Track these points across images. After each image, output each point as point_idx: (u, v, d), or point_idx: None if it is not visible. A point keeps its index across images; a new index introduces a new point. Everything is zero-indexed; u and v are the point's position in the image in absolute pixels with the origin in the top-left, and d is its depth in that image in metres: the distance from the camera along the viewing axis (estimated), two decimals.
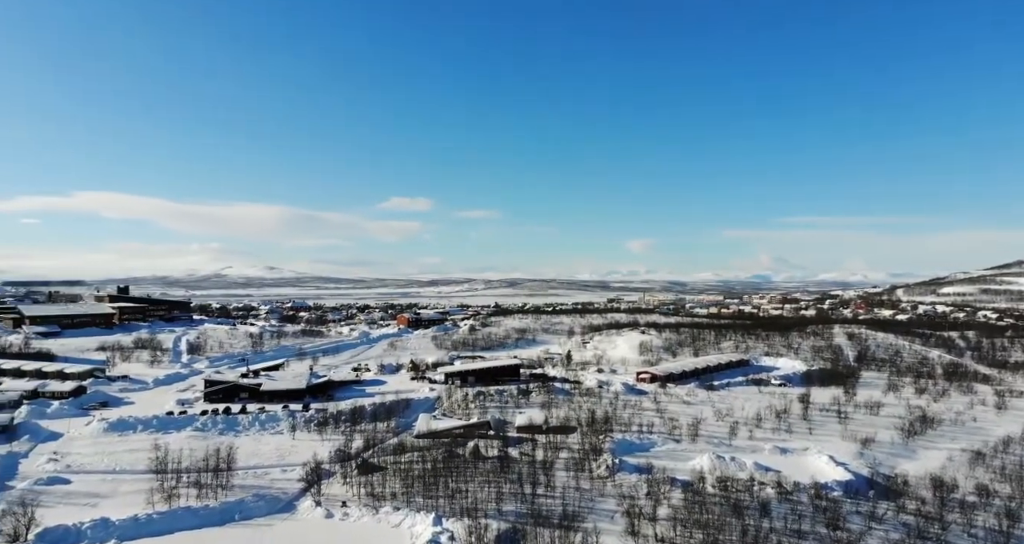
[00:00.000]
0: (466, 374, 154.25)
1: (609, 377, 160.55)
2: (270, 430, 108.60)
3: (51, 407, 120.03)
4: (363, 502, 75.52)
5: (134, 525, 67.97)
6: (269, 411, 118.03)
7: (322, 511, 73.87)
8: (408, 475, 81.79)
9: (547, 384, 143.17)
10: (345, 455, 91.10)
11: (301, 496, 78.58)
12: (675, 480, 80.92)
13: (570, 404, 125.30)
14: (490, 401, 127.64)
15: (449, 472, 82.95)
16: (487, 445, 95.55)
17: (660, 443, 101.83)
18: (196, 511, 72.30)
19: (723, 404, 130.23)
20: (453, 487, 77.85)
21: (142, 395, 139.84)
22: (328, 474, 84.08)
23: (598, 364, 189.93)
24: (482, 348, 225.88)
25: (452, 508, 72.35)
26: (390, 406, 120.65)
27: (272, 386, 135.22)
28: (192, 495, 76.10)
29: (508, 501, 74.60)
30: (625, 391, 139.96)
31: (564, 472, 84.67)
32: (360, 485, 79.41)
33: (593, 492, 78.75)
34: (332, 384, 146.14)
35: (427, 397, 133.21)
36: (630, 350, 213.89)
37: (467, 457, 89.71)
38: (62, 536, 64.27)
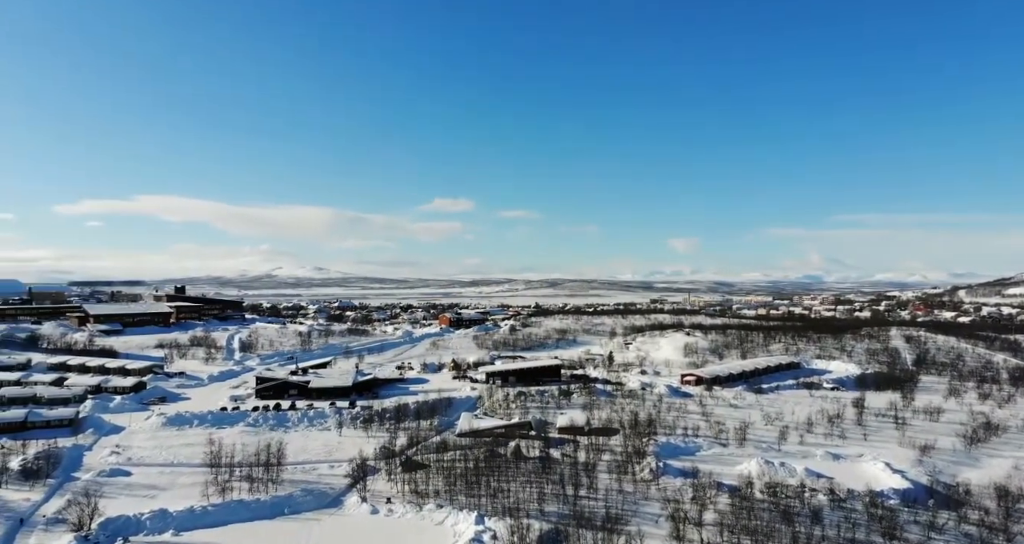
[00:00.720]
0: (507, 374, 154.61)
1: (652, 379, 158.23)
2: (318, 426, 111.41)
3: (113, 402, 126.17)
4: (407, 499, 76.66)
5: (190, 517, 70.80)
6: (317, 408, 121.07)
7: (367, 507, 75.30)
8: (451, 473, 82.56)
9: (588, 385, 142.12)
10: (390, 452, 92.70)
11: (347, 492, 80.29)
12: (721, 485, 79.14)
13: (612, 406, 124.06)
14: (531, 401, 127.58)
15: (491, 471, 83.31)
16: (528, 445, 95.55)
17: (706, 447, 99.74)
18: (248, 504, 74.78)
19: (772, 408, 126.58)
20: (495, 486, 78.16)
21: (198, 391, 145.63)
22: (373, 471, 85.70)
23: (641, 366, 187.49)
24: (522, 348, 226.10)
25: (494, 507, 72.64)
26: (433, 404, 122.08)
27: (320, 383, 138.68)
28: (244, 489, 78.78)
29: (550, 502, 74.40)
30: (669, 393, 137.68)
31: (607, 474, 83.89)
32: (404, 482, 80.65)
33: (636, 495, 77.74)
34: (377, 382, 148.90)
35: (468, 396, 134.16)
36: (674, 352, 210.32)
37: (509, 457, 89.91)
38: (123, 526, 67.42)
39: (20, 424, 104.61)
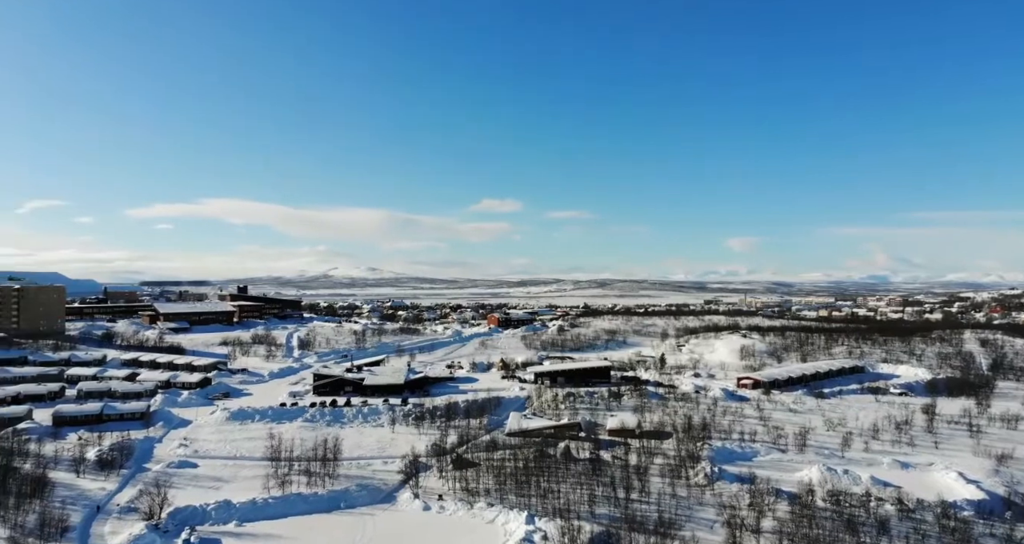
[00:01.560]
0: (555, 374, 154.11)
1: (707, 382, 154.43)
2: (372, 423, 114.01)
3: (181, 396, 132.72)
4: (458, 496, 77.48)
5: (252, 508, 73.69)
6: (371, 404, 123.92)
7: (420, 503, 76.53)
8: (500, 472, 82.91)
9: (639, 387, 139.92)
10: (440, 449, 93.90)
11: (400, 488, 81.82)
12: (780, 492, 76.47)
13: (664, 409, 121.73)
14: (580, 402, 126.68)
15: (540, 472, 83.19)
16: (578, 447, 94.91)
17: (763, 452, 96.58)
18: (306, 498, 77.26)
19: (834, 413, 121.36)
20: (545, 487, 78.01)
21: (259, 387, 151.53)
22: (425, 467, 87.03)
23: (694, 368, 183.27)
24: (571, 349, 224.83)
25: (544, 508, 72.50)
26: (482, 403, 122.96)
27: (373, 381, 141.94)
28: (303, 482, 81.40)
29: (601, 504, 73.67)
30: (725, 397, 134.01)
31: (659, 478, 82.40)
32: (455, 480, 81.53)
33: (691, 500, 76.03)
34: (428, 380, 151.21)
35: (517, 396, 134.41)
36: (730, 354, 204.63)
37: (558, 458, 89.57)
38: (190, 516, 70.77)
39: (96, 417, 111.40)
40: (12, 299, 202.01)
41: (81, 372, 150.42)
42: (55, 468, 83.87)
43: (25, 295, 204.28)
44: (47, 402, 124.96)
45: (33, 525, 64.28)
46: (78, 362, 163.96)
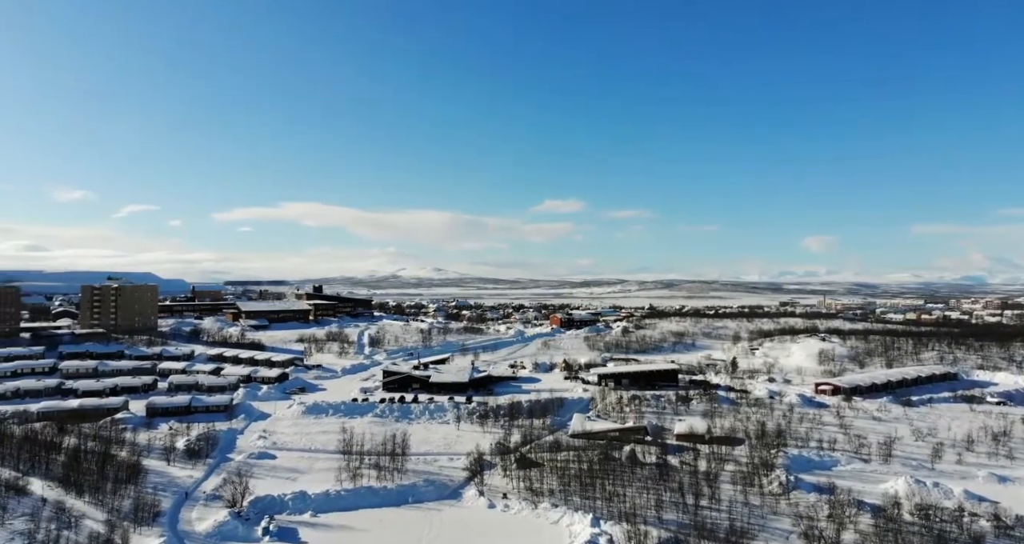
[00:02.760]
0: (620, 376, 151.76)
1: (782, 387, 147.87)
2: (438, 419, 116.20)
3: (261, 391, 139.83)
4: (522, 496, 77.65)
5: (326, 500, 76.63)
6: (437, 402, 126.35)
7: (485, 501, 77.23)
8: (564, 473, 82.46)
9: (709, 392, 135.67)
10: (504, 448, 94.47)
11: (466, 485, 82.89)
12: (863, 503, 72.30)
13: (736, 414, 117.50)
14: (646, 406, 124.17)
15: (605, 474, 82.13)
16: (644, 451, 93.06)
17: (844, 462, 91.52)
18: (377, 491, 79.59)
19: (923, 422, 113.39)
20: (610, 490, 76.95)
21: (332, 382, 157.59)
22: (489, 465, 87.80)
23: (768, 373, 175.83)
24: (636, 351, 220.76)
25: (610, 511, 71.55)
26: (545, 404, 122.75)
27: (439, 378, 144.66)
28: (373, 476, 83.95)
29: (668, 510, 71.91)
30: (801, 403, 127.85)
31: (730, 485, 79.59)
32: (519, 479, 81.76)
33: (764, 509, 73.00)
34: (491, 379, 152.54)
35: (580, 397, 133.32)
36: (807, 359, 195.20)
37: (623, 461, 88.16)
38: (269, 505, 74.32)
39: (185, 408, 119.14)
40: (111, 297, 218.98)
41: (171, 366, 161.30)
42: (148, 456, 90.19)
43: (122, 294, 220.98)
44: (141, 394, 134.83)
45: (128, 509, 69.16)
46: (169, 357, 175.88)
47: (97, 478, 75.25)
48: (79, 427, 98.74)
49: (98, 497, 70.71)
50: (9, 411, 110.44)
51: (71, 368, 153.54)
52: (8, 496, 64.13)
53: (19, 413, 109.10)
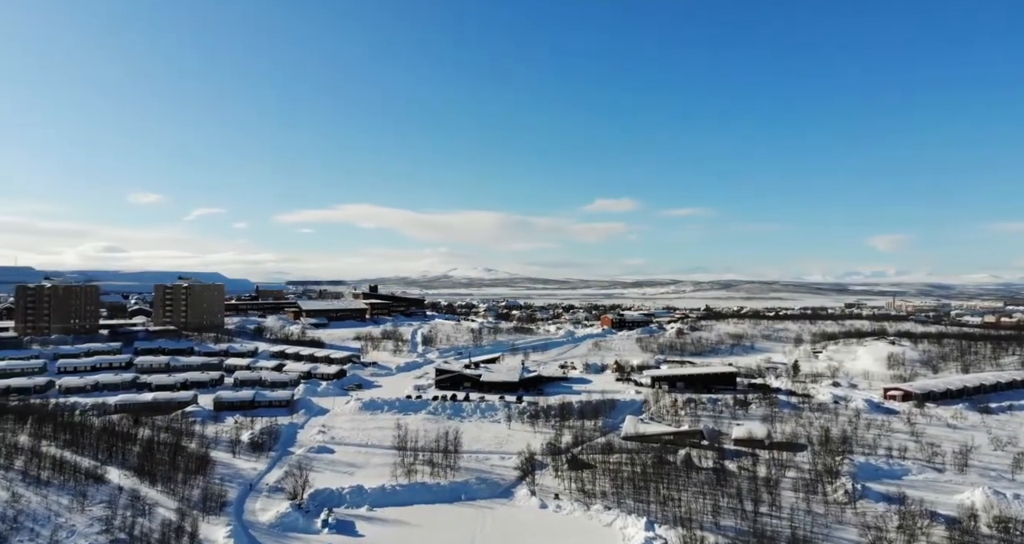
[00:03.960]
0: (674, 379, 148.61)
1: (847, 392, 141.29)
2: (489, 418, 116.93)
3: (320, 387, 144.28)
4: (574, 497, 77.18)
5: (382, 494, 78.35)
6: (488, 400, 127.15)
7: (537, 501, 77.16)
8: (617, 476, 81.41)
9: (769, 395, 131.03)
10: (555, 449, 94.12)
11: (517, 484, 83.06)
12: (936, 515, 68.33)
13: (798, 419, 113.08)
14: (702, 409, 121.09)
15: (660, 478, 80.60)
16: (700, 455, 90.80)
17: (915, 471, 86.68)
18: (430, 487, 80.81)
19: (1002, 431, 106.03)
20: (664, 494, 75.47)
21: (387, 379, 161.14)
22: (540, 465, 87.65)
23: (833, 377, 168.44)
24: (691, 353, 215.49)
25: (664, 515, 70.17)
26: (596, 405, 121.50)
27: (490, 377, 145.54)
28: (426, 472, 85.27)
29: (726, 516, 69.91)
30: (869, 409, 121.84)
31: (792, 492, 76.68)
32: (571, 480, 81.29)
33: (828, 518, 70.00)
34: (541, 379, 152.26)
35: (633, 399, 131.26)
36: (875, 363, 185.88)
37: (678, 465, 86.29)
38: (328, 498, 76.52)
39: (249, 403, 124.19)
40: (182, 296, 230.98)
41: (237, 362, 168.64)
42: (215, 448, 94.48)
43: (192, 293, 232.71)
44: (209, 388, 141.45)
45: (197, 499, 72.59)
46: (234, 353, 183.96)
47: (169, 468, 79.39)
48: (152, 419, 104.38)
49: (170, 486, 74.55)
50: (89, 403, 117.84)
51: (145, 363, 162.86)
52: (88, 483, 68.43)
53: (98, 405, 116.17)
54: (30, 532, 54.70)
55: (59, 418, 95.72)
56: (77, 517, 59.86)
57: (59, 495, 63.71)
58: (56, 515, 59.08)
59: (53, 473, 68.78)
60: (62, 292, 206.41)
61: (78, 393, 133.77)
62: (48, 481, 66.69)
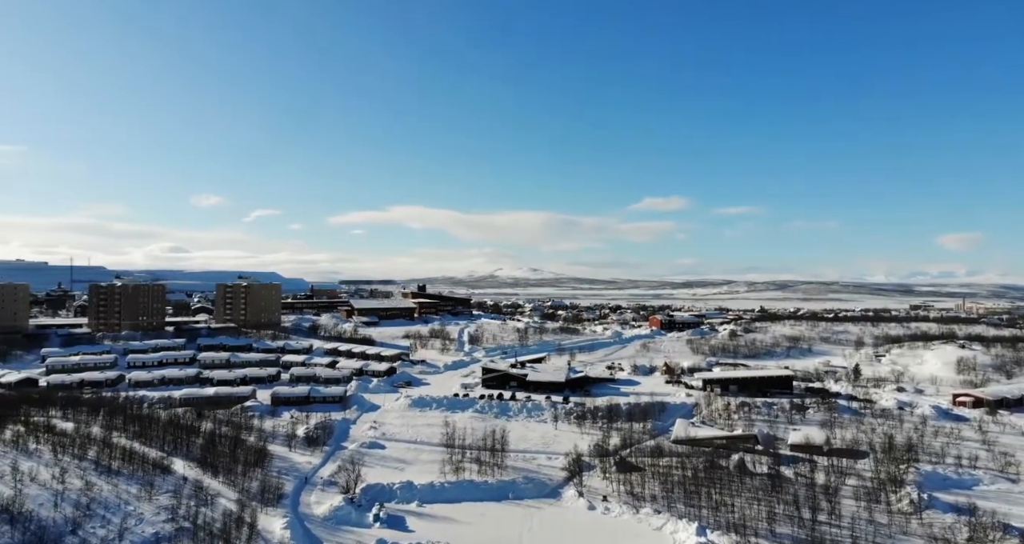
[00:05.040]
0: (727, 382, 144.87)
1: (913, 397, 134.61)
2: (535, 418, 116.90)
3: (372, 383, 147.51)
4: (623, 499, 76.23)
5: (431, 490, 79.43)
6: (534, 400, 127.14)
7: (584, 502, 76.60)
8: (667, 479, 79.93)
9: (828, 400, 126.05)
10: (603, 450, 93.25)
11: (565, 485, 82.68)
12: (1010, 527, 64.48)
13: (859, 425, 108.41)
14: (756, 413, 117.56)
15: (711, 483, 78.62)
16: (755, 460, 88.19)
17: (987, 482, 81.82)
18: (478, 485, 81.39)
19: None
20: (717, 499, 73.62)
21: (435, 377, 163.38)
22: (588, 467, 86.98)
23: (897, 382, 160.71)
24: (744, 356, 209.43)
25: (717, 521, 68.44)
26: (645, 407, 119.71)
27: (536, 377, 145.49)
28: (474, 470, 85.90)
29: (782, 523, 67.61)
30: (936, 415, 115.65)
31: (852, 501, 73.57)
32: (619, 482, 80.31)
33: (892, 528, 66.84)
34: (588, 380, 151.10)
35: (684, 402, 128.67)
36: (943, 367, 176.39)
37: (731, 470, 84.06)
38: (379, 493, 78.08)
39: (305, 398, 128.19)
40: (241, 295, 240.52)
41: (293, 359, 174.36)
42: (272, 441, 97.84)
43: (250, 291, 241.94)
44: (267, 384, 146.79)
45: (255, 490, 75.28)
46: (290, 350, 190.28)
47: (229, 460, 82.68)
48: (214, 413, 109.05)
49: (230, 478, 77.65)
50: (156, 397, 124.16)
51: (207, 359, 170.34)
52: (155, 473, 71.98)
53: (164, 399, 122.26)
54: (101, 519, 57.91)
55: (129, 410, 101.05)
56: (145, 505, 63.06)
57: (128, 484, 67.26)
58: (126, 503, 62.37)
59: (123, 463, 72.65)
60: (131, 290, 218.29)
61: (146, 387, 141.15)
62: (118, 471, 70.51)
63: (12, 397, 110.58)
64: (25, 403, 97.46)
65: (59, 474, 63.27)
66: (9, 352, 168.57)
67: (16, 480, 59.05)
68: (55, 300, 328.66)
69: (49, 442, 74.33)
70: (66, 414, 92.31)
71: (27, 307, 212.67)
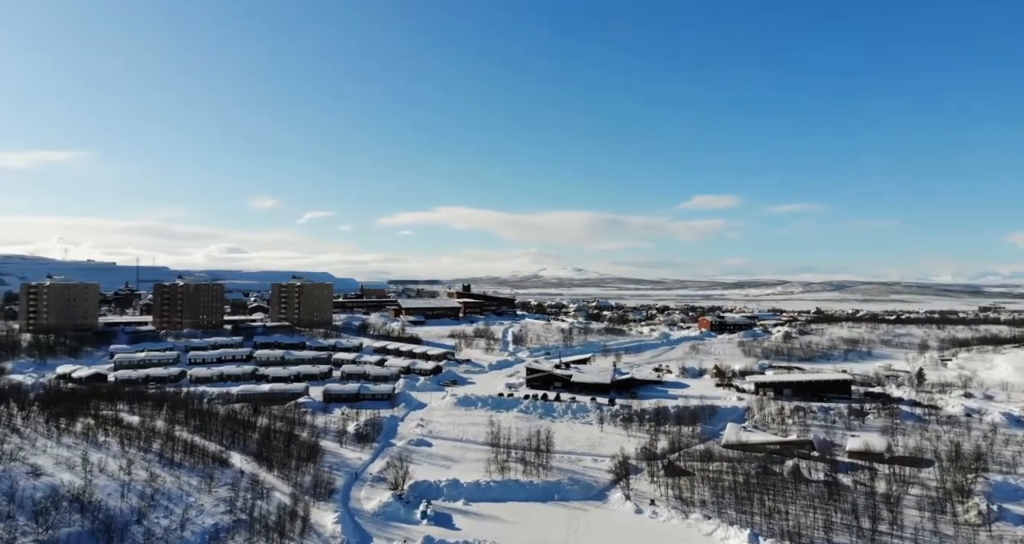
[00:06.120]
0: (781, 385, 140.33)
1: (982, 404, 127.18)
2: (580, 419, 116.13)
3: (418, 382, 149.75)
4: (671, 504, 74.87)
5: (476, 489, 79.93)
6: (579, 401, 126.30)
7: (631, 506, 75.59)
8: (717, 484, 78.05)
9: (889, 406, 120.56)
10: (651, 454, 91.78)
11: (611, 487, 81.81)
12: None
13: (923, 432, 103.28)
14: (812, 418, 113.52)
15: (764, 489, 76.32)
16: (810, 466, 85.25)
17: None
18: (523, 485, 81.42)
19: None
20: (770, 505, 71.41)
21: (480, 377, 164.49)
22: (635, 470, 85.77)
23: (965, 387, 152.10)
24: (799, 358, 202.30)
25: (770, 528, 66.43)
26: (694, 411, 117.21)
27: (581, 378, 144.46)
28: (519, 470, 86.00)
29: (840, 532, 65.12)
30: (1008, 423, 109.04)
31: (915, 511, 70.12)
32: (668, 486, 78.92)
33: (959, 540, 63.68)
34: (635, 382, 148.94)
35: (735, 406, 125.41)
36: (1015, 373, 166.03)
37: (785, 476, 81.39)
38: (426, 490, 79.09)
39: (355, 395, 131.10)
40: (295, 294, 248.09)
41: (343, 357, 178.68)
42: (324, 437, 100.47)
43: (304, 291, 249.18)
44: (319, 381, 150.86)
45: (308, 485, 77.43)
46: (341, 348, 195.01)
47: (283, 455, 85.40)
48: (269, 409, 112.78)
49: (284, 472, 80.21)
50: (215, 392, 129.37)
51: (263, 356, 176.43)
52: (215, 467, 75.05)
53: (223, 395, 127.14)
54: (165, 509, 60.75)
55: (190, 405, 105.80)
56: (205, 497, 65.84)
57: (189, 476, 70.38)
58: (187, 495, 65.27)
59: (185, 456, 76.09)
60: (192, 290, 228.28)
61: (206, 383, 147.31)
62: (180, 463, 73.88)
63: (83, 391, 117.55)
64: (95, 397, 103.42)
65: (126, 465, 66.80)
66: (80, 348, 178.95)
67: (86, 471, 62.63)
68: (122, 299, 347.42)
69: (117, 435, 78.55)
70: (132, 408, 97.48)
71: (97, 306, 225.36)
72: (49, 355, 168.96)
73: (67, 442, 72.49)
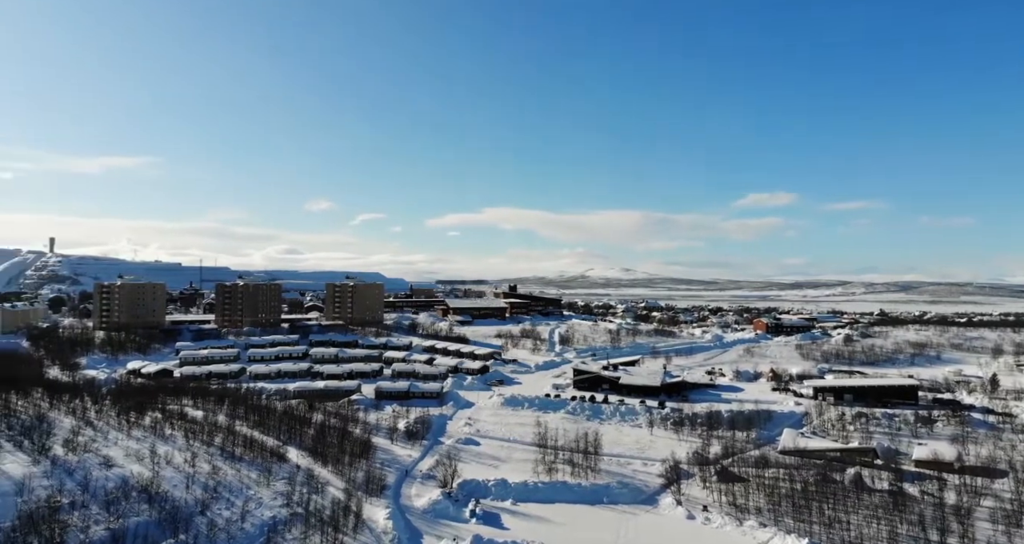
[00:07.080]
0: (842, 390, 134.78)
1: None
2: (629, 422, 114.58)
3: (466, 381, 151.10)
4: (724, 510, 72.92)
5: (524, 489, 79.93)
6: (628, 404, 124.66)
7: (683, 511, 74.02)
8: (774, 492, 75.51)
9: (960, 413, 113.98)
10: (703, 459, 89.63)
11: (662, 492, 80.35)
12: None
13: (996, 441, 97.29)
14: (875, 425, 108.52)
15: (824, 497, 73.38)
16: (873, 475, 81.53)
17: None
18: (571, 487, 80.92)
19: None
20: (830, 515, 68.60)
21: (527, 377, 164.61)
22: (686, 475, 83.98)
23: None
24: (861, 362, 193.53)
25: (830, 539, 63.85)
26: (749, 415, 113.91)
27: (629, 381, 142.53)
28: (567, 471, 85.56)
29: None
30: None
31: (988, 524, 66.17)
32: (721, 492, 76.95)
33: None
34: (686, 385, 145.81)
35: (792, 411, 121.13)
36: None
37: (846, 484, 78.11)
38: (475, 489, 79.62)
39: (405, 393, 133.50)
40: (348, 294, 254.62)
41: (394, 355, 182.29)
42: (376, 434, 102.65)
43: (356, 291, 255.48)
44: (370, 378, 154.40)
45: (361, 481, 79.08)
46: (392, 347, 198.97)
47: (337, 451, 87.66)
48: (324, 405, 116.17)
49: (338, 468, 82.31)
50: (273, 389, 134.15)
51: (318, 354, 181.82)
52: (272, 461, 77.72)
53: (280, 391, 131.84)
54: (226, 502, 63.30)
55: (249, 401, 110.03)
56: (263, 490, 68.26)
57: (249, 470, 73.11)
58: (247, 487, 67.82)
59: (245, 450, 79.13)
60: (252, 290, 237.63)
61: (264, 379, 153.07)
62: (241, 457, 76.86)
63: (151, 387, 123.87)
64: (162, 392, 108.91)
65: (190, 458, 70.02)
66: (148, 345, 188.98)
67: (154, 463, 65.99)
68: (187, 298, 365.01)
69: (182, 428, 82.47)
70: (196, 403, 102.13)
71: (164, 304, 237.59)
72: (120, 351, 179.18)
73: (136, 435, 76.55)
